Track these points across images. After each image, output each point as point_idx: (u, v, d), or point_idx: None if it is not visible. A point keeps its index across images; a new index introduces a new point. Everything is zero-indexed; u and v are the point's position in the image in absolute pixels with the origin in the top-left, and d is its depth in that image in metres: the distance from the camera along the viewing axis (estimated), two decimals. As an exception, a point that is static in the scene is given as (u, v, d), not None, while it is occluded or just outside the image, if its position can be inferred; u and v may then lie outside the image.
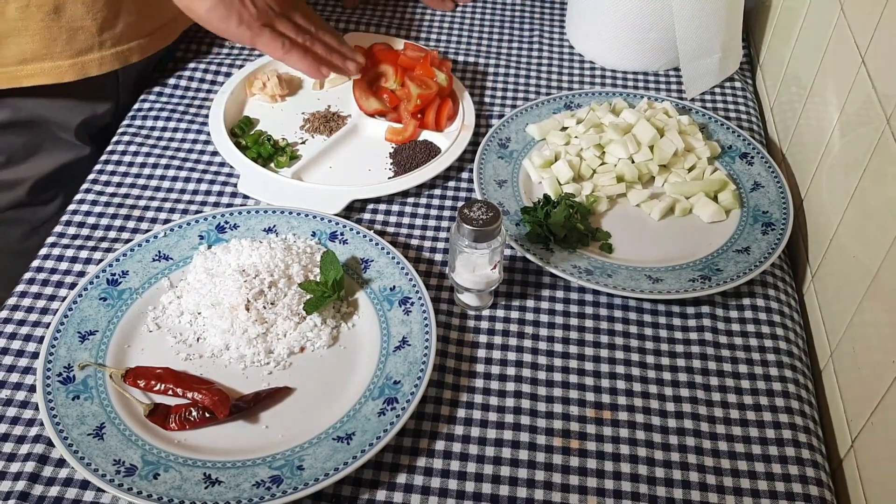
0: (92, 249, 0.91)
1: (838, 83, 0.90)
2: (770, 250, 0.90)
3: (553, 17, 1.28)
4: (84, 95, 1.04)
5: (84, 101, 1.05)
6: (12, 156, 1.04)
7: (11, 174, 1.05)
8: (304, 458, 0.73)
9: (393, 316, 0.84)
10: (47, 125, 1.04)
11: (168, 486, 0.70)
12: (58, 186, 1.08)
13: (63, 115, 1.04)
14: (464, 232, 0.79)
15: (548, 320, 0.87)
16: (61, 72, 0.99)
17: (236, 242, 0.88)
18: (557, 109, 1.07)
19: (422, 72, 1.07)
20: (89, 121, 1.07)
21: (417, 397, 0.76)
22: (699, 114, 1.07)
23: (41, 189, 1.07)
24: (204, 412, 0.76)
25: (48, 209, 1.09)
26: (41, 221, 1.10)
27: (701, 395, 0.81)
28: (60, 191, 1.09)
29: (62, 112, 1.04)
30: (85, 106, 1.05)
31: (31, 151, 1.05)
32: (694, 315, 0.87)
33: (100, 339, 0.81)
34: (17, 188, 1.06)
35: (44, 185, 1.07)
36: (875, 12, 0.82)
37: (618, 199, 0.98)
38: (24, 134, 1.04)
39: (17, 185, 1.06)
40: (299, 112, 1.09)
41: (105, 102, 1.07)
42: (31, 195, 1.07)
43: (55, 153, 1.06)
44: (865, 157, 0.80)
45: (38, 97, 1.01)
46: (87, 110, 1.06)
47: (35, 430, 0.76)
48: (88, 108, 1.06)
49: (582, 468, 0.75)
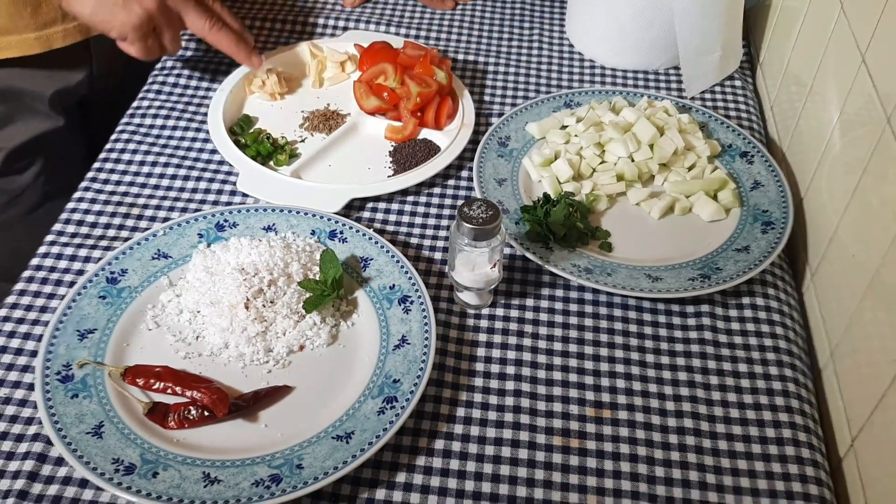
0: (91, 248, 0.91)
1: (838, 82, 0.90)
2: (770, 249, 0.90)
3: (553, 15, 1.28)
4: (55, 66, 1.07)
5: (55, 70, 1.08)
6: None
7: None
8: (304, 457, 0.73)
9: (392, 314, 0.83)
10: (21, 95, 1.07)
11: (167, 484, 0.70)
12: (33, 155, 1.12)
13: (36, 85, 1.08)
14: (463, 230, 0.79)
15: (547, 319, 0.86)
16: (28, 44, 1.03)
17: (235, 241, 0.88)
18: (557, 108, 1.07)
19: (421, 70, 1.07)
20: (63, 91, 1.10)
21: (417, 396, 0.76)
22: (699, 112, 1.07)
23: (16, 158, 1.11)
24: (203, 411, 0.75)
25: (24, 178, 1.12)
26: (19, 190, 1.13)
27: (700, 393, 0.81)
28: (35, 160, 1.12)
29: (35, 82, 1.07)
30: (57, 76, 1.09)
31: (6, 121, 1.08)
32: (693, 314, 0.87)
33: (99, 338, 0.81)
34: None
35: (19, 155, 1.10)
36: (875, 11, 0.82)
37: (617, 197, 0.98)
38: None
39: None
40: (299, 110, 1.09)
41: (77, 72, 1.11)
42: (6, 164, 1.10)
43: (30, 123, 1.09)
44: (865, 156, 0.80)
45: (9, 68, 1.04)
46: (60, 81, 1.09)
47: (34, 428, 0.75)
48: (61, 78, 1.09)
49: (581, 467, 0.75)
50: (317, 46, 1.15)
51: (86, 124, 1.18)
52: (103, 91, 1.15)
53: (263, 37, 1.21)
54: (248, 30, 1.09)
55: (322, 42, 1.16)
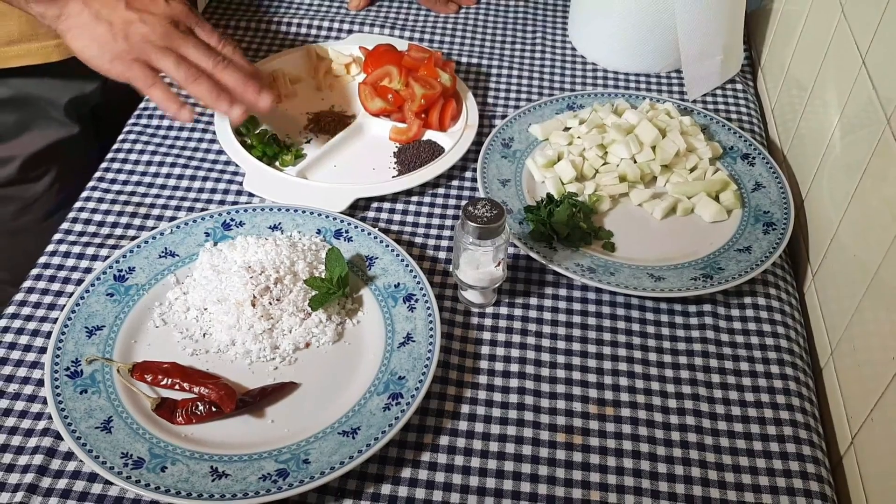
0: (99, 246, 0.92)
1: (839, 85, 0.90)
2: (771, 250, 0.91)
3: (556, 19, 1.29)
4: (71, 74, 1.07)
5: (71, 79, 1.08)
6: (4, 133, 1.07)
7: (3, 151, 1.08)
8: (310, 452, 0.74)
9: (397, 312, 0.84)
10: (37, 103, 1.07)
11: (175, 478, 0.71)
12: (48, 163, 1.12)
13: (52, 93, 1.08)
14: (468, 229, 0.80)
15: (550, 318, 0.87)
16: (48, 51, 1.03)
17: (242, 239, 0.89)
18: (560, 110, 1.08)
19: (426, 72, 1.08)
20: (77, 99, 1.10)
21: (422, 393, 0.77)
22: (701, 115, 1.08)
23: (32, 166, 1.11)
24: (210, 406, 0.76)
25: (38, 186, 1.13)
26: (33, 199, 1.13)
27: (702, 391, 0.81)
28: (50, 168, 1.12)
29: (51, 90, 1.08)
30: (72, 84, 1.09)
31: (22, 128, 1.08)
32: (695, 313, 0.88)
33: (107, 335, 0.81)
34: (9, 165, 1.09)
35: (34, 162, 1.11)
36: (876, 14, 0.83)
37: (620, 198, 0.99)
38: (14, 111, 1.07)
39: (8, 162, 1.09)
40: (304, 111, 1.10)
41: (92, 81, 1.11)
42: (21, 172, 1.10)
43: (45, 130, 1.09)
44: (866, 158, 0.81)
45: (26, 76, 1.04)
46: (75, 89, 1.10)
47: (43, 423, 0.76)
48: (76, 86, 1.10)
49: (585, 463, 0.76)
50: (322, 49, 1.16)
51: (99, 132, 1.19)
52: (116, 99, 1.15)
53: (269, 40, 1.22)
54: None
55: (327, 45, 1.17)
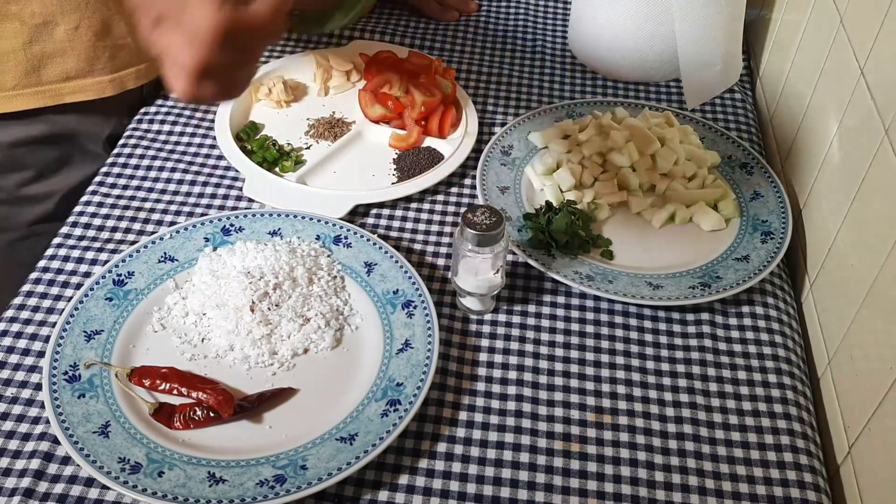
0: (98, 250, 0.92)
1: (837, 95, 0.91)
2: (769, 259, 0.91)
3: (556, 27, 1.29)
4: (117, 108, 1.06)
5: (115, 113, 1.07)
6: (44, 169, 1.05)
7: (43, 187, 1.05)
8: (308, 458, 0.74)
9: (396, 319, 0.84)
10: (79, 138, 1.05)
11: (172, 483, 0.71)
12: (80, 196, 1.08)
13: (95, 128, 1.06)
14: (467, 236, 0.80)
15: (549, 325, 0.87)
16: (102, 87, 1.02)
17: (241, 245, 0.89)
18: (560, 118, 1.09)
19: (426, 80, 1.08)
20: (115, 132, 1.09)
21: (420, 399, 0.77)
22: (700, 124, 1.08)
23: (69, 202, 1.06)
24: (208, 412, 0.76)
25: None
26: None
27: (700, 400, 0.82)
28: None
29: (95, 125, 1.06)
30: (114, 118, 1.08)
31: (62, 164, 1.05)
32: (693, 322, 0.88)
33: (105, 339, 0.82)
34: (47, 201, 1.06)
35: (72, 198, 1.06)
36: (874, 24, 0.83)
37: (619, 206, 0.99)
38: (56, 148, 1.04)
39: (46, 199, 1.06)
40: (304, 118, 1.10)
41: (131, 114, 1.10)
42: (58, 208, 1.06)
43: (83, 165, 1.06)
44: (864, 168, 0.81)
45: (72, 112, 1.02)
46: (116, 122, 1.08)
47: (40, 427, 0.76)
48: (117, 119, 1.08)
49: (582, 471, 0.76)
50: (323, 55, 1.16)
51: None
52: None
53: (270, 45, 1.22)
54: None
55: (328, 51, 1.18)
